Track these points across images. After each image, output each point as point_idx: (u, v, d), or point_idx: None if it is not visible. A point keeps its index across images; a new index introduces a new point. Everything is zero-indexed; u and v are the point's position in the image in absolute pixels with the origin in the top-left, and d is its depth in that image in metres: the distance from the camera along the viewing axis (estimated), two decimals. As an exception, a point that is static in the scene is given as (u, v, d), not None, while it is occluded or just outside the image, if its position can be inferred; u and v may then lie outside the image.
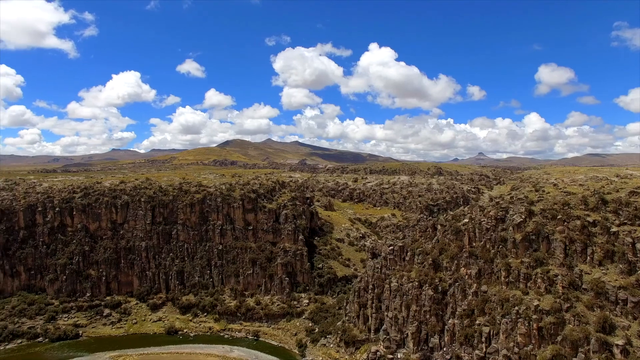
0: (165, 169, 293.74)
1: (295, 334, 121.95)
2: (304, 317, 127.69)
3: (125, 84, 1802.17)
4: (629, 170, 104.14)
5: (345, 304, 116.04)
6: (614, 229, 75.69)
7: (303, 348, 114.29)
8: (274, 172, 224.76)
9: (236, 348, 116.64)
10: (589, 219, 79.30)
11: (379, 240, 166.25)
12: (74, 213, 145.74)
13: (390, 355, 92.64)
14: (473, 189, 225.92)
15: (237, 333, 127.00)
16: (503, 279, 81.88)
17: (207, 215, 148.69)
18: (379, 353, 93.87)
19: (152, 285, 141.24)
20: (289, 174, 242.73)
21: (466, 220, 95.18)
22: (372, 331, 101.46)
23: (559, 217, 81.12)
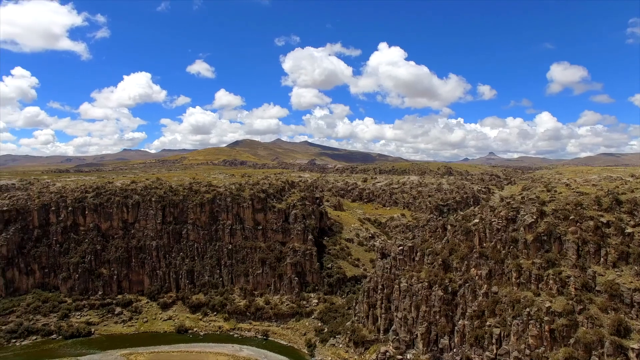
0: (176, 169, 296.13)
1: (305, 334, 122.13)
2: (313, 317, 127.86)
3: (137, 84, 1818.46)
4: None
5: (354, 304, 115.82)
6: (629, 230, 74.35)
7: (312, 348, 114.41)
8: (284, 172, 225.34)
9: (245, 347, 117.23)
10: (603, 219, 77.89)
11: (389, 241, 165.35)
12: (86, 212, 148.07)
13: (400, 356, 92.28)
14: (483, 189, 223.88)
15: (247, 332, 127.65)
16: (514, 280, 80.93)
17: (217, 215, 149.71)
18: (388, 353, 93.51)
19: (163, 284, 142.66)
20: (299, 173, 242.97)
21: (476, 220, 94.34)
22: (382, 331, 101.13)
23: (571, 218, 79.86)
